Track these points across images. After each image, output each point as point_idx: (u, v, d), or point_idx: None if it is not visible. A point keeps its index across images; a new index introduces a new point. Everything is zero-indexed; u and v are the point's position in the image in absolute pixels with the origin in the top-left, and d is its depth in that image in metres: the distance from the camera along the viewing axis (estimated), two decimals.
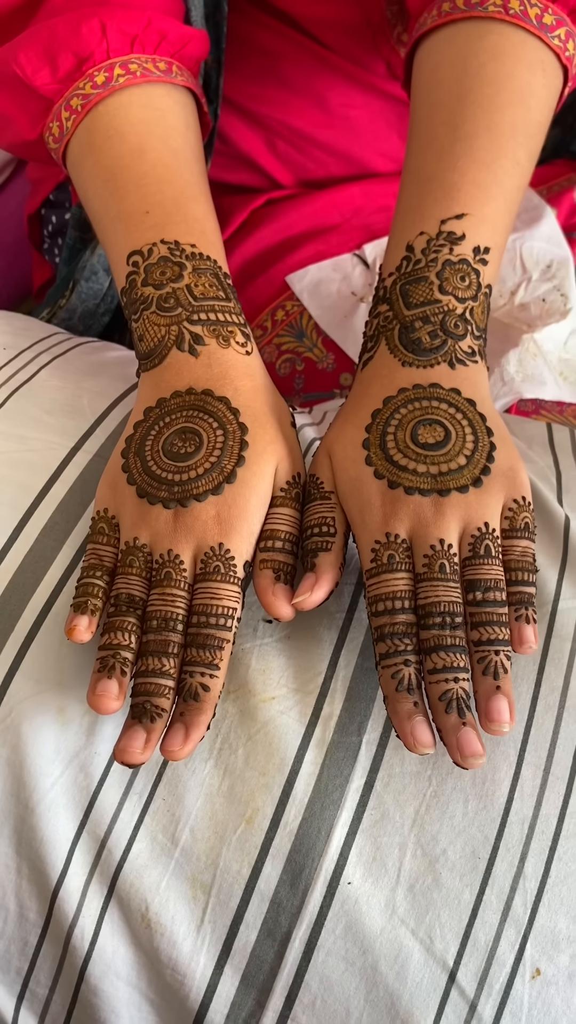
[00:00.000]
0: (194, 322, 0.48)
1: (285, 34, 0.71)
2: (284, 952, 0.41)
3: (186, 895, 0.41)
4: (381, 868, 0.41)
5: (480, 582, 0.42)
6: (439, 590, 0.42)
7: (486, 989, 0.39)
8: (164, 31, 0.56)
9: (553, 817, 0.41)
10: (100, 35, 0.54)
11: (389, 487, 0.44)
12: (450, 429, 0.45)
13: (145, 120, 0.54)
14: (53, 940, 0.42)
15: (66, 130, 0.55)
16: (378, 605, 0.42)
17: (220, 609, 0.42)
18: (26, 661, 0.44)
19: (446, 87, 0.53)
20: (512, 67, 0.53)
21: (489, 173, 0.50)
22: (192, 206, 0.52)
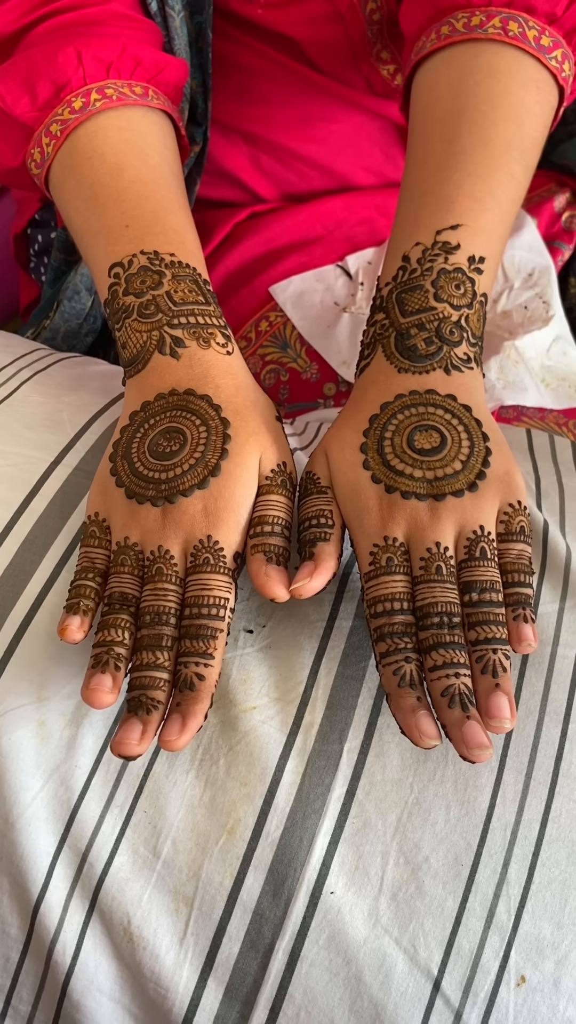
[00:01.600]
0: (174, 326, 0.48)
1: (266, 54, 0.72)
2: (267, 964, 0.40)
3: (168, 908, 0.41)
4: (364, 877, 0.41)
5: (476, 583, 0.42)
6: (436, 591, 0.42)
7: (471, 997, 0.39)
8: (139, 57, 0.57)
9: (536, 822, 0.41)
10: (76, 63, 0.55)
11: (386, 491, 0.44)
12: (446, 435, 0.45)
13: (123, 140, 0.55)
14: (35, 955, 0.42)
15: (47, 155, 0.56)
16: (377, 607, 0.42)
17: (211, 599, 0.42)
18: (6, 675, 0.44)
19: (442, 105, 0.54)
20: (507, 85, 0.53)
21: (484, 186, 0.51)
22: (171, 219, 0.53)
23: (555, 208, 0.79)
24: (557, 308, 0.72)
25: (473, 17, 0.54)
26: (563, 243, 0.77)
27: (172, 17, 0.62)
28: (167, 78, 0.59)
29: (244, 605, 0.47)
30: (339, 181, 0.80)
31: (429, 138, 0.54)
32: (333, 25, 0.68)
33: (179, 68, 0.60)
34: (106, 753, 0.43)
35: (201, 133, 0.71)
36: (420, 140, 0.54)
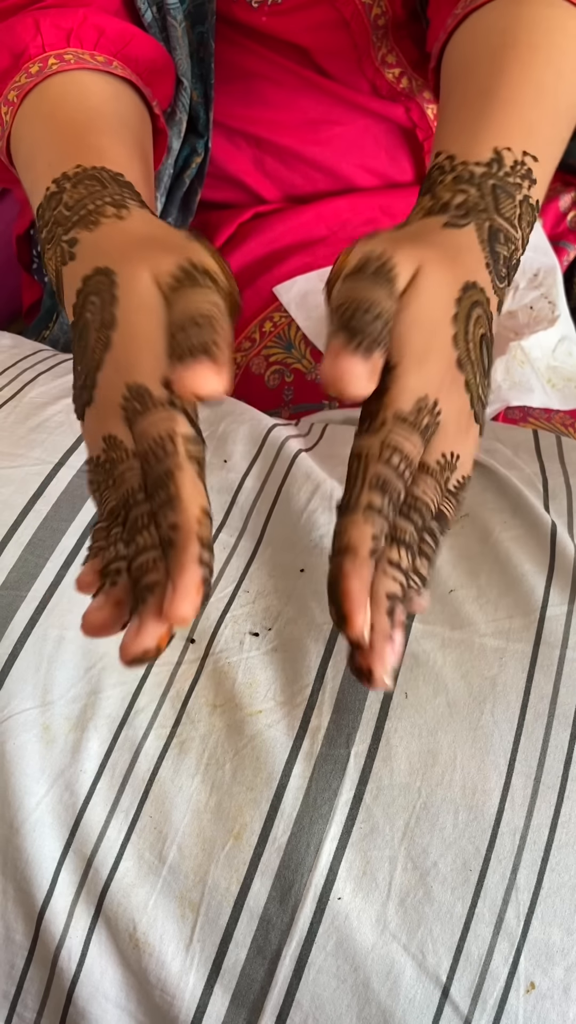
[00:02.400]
0: (68, 230, 0.43)
1: (271, 59, 0.71)
2: (275, 970, 0.40)
3: (174, 914, 0.41)
4: (371, 882, 0.40)
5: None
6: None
7: (480, 1004, 0.39)
8: (101, 27, 0.55)
9: (545, 827, 0.40)
10: (34, 31, 0.53)
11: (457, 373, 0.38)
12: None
13: (77, 97, 0.52)
14: (40, 962, 0.41)
15: (6, 124, 0.53)
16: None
17: (155, 439, 0.36)
18: (10, 679, 0.44)
19: (487, 44, 0.50)
20: (556, 29, 0.51)
21: (555, 129, 0.48)
22: (93, 137, 0.48)
23: (560, 208, 0.79)
24: (563, 308, 0.71)
25: None
26: (569, 243, 0.77)
27: (174, 27, 0.62)
28: (134, 52, 0.56)
29: (249, 608, 0.47)
30: (343, 183, 0.80)
31: (501, 58, 0.49)
32: (338, 31, 0.68)
33: (149, 44, 0.58)
34: (111, 757, 0.43)
35: (203, 144, 0.71)
36: (484, 61, 0.50)
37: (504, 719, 0.42)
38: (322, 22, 0.68)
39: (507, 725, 0.42)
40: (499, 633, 0.45)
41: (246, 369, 0.72)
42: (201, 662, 0.45)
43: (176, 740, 0.43)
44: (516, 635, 0.45)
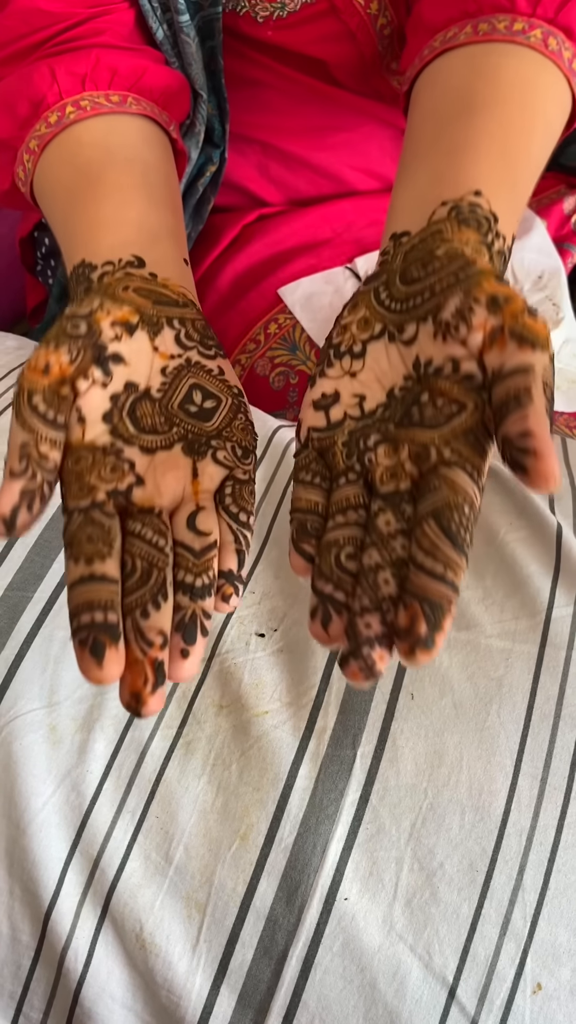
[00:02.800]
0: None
1: (276, 69, 0.71)
2: (281, 971, 0.40)
3: (181, 914, 0.41)
4: (378, 883, 0.40)
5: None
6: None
7: (487, 1005, 0.39)
8: (114, 66, 0.57)
9: (551, 828, 0.40)
10: (50, 79, 0.55)
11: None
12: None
13: (98, 143, 0.54)
14: (46, 963, 0.42)
15: (28, 171, 0.56)
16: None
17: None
18: (16, 679, 0.44)
19: (476, 89, 0.51)
20: (543, 95, 0.51)
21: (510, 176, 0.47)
22: (116, 197, 0.50)
23: (564, 210, 0.79)
24: (567, 310, 0.71)
25: (515, 23, 0.52)
26: (573, 245, 0.77)
27: (187, 43, 0.63)
28: (148, 83, 0.58)
29: (255, 609, 0.47)
30: (347, 187, 0.80)
31: (448, 114, 0.50)
32: (344, 42, 0.68)
33: (162, 73, 0.59)
34: (117, 758, 0.43)
35: (218, 154, 0.71)
36: (436, 114, 0.51)
37: (510, 720, 0.42)
38: (328, 34, 0.67)
39: (513, 726, 0.42)
40: (505, 634, 0.45)
41: (251, 371, 0.72)
42: (207, 663, 0.45)
43: (182, 741, 0.43)
44: (522, 636, 0.45)
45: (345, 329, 0.41)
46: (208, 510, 0.38)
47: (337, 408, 0.40)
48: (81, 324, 0.39)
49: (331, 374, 0.41)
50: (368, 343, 0.40)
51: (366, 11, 0.66)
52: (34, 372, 0.37)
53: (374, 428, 0.38)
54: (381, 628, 0.32)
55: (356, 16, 0.66)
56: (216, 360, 0.43)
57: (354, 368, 0.40)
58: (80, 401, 0.38)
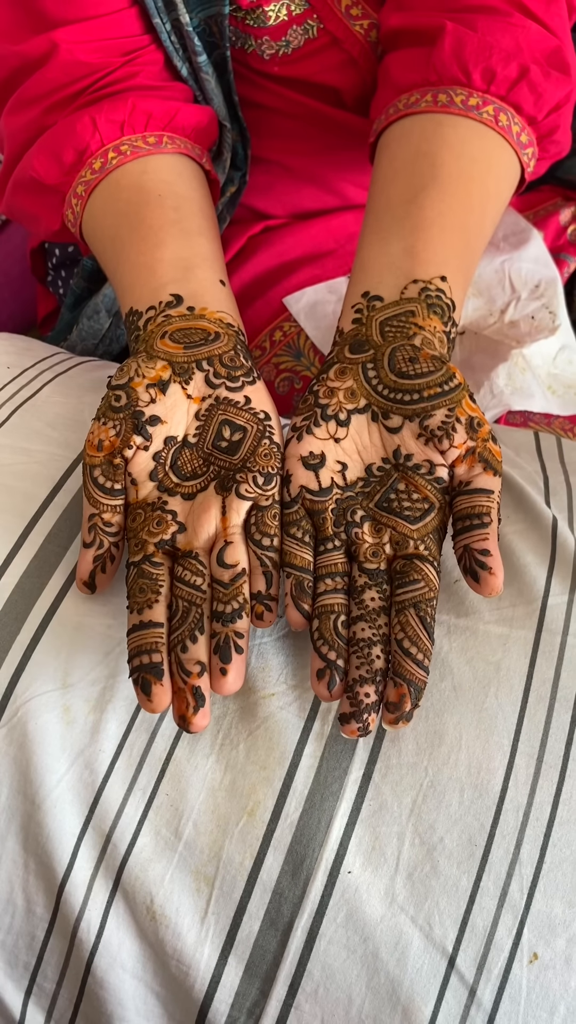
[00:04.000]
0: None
1: (283, 95, 0.74)
2: (287, 941, 0.41)
3: (190, 887, 0.42)
4: (380, 857, 0.42)
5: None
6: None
7: (485, 974, 0.40)
8: (149, 111, 0.61)
9: (547, 804, 0.42)
10: (92, 128, 0.60)
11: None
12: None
13: (134, 186, 0.59)
14: (60, 934, 0.43)
15: (77, 215, 0.61)
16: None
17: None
18: (32, 662, 0.45)
19: (428, 160, 0.57)
20: (491, 169, 0.58)
21: (463, 239, 0.54)
22: (165, 236, 0.56)
23: (561, 221, 0.81)
24: (563, 318, 0.73)
25: (471, 98, 0.58)
26: (569, 255, 0.79)
27: (207, 80, 0.66)
28: (180, 122, 0.63)
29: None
30: (350, 201, 0.82)
31: (408, 175, 0.56)
32: (347, 70, 0.70)
33: (192, 112, 0.63)
34: (129, 738, 0.44)
35: (240, 176, 0.74)
36: (401, 174, 0.57)
37: (508, 702, 0.44)
38: (331, 64, 0.70)
39: (510, 707, 0.44)
40: (502, 620, 0.47)
41: None
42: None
43: None
44: (519, 622, 0.46)
45: (332, 393, 0.48)
46: (235, 543, 0.45)
47: (324, 472, 0.47)
48: (121, 396, 0.47)
49: (318, 434, 0.48)
50: (353, 414, 0.48)
51: (366, 39, 0.68)
52: (91, 448, 0.47)
53: (358, 503, 0.47)
54: (376, 698, 0.42)
55: (357, 45, 0.68)
56: (243, 390, 0.49)
57: (339, 434, 0.48)
58: (130, 467, 0.47)
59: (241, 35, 0.67)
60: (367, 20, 0.67)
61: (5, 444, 0.53)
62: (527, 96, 0.58)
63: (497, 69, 0.58)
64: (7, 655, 0.45)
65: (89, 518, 0.46)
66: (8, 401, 0.56)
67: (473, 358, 0.71)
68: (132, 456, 0.47)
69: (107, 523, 0.46)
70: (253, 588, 0.45)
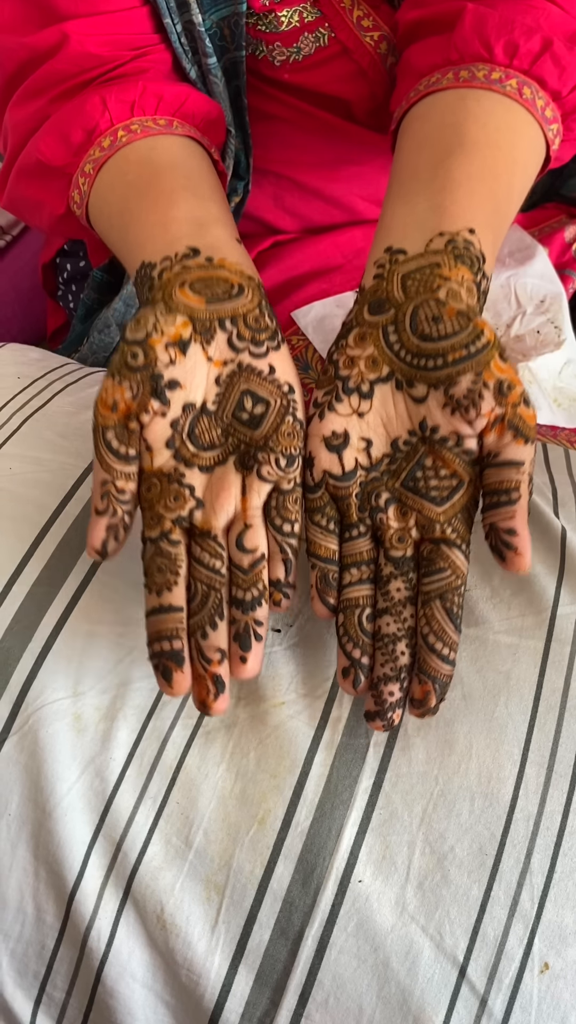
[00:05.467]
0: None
1: (292, 104, 0.74)
2: (297, 951, 0.41)
3: (200, 896, 0.42)
4: (391, 866, 0.42)
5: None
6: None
7: (496, 984, 0.40)
8: (160, 93, 0.60)
9: (557, 814, 0.42)
10: (102, 108, 0.58)
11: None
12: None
13: (143, 160, 0.57)
14: (70, 943, 0.43)
15: (84, 194, 0.59)
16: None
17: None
18: (43, 670, 0.46)
19: (452, 130, 0.54)
20: (515, 140, 0.55)
21: (494, 205, 0.51)
22: (177, 198, 0.53)
23: (566, 239, 0.82)
24: (568, 333, 0.74)
25: (494, 72, 0.56)
26: (574, 271, 0.80)
27: (215, 83, 0.66)
28: (191, 109, 0.62)
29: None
30: (358, 216, 0.83)
31: (432, 146, 0.54)
32: (357, 81, 0.71)
33: (202, 100, 0.63)
34: (140, 746, 0.44)
35: (243, 186, 0.74)
36: (424, 146, 0.55)
37: (518, 711, 0.44)
38: (341, 74, 0.71)
39: (520, 717, 0.44)
40: (512, 630, 0.47)
41: None
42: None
43: (202, 730, 0.45)
44: (528, 632, 0.46)
45: (352, 363, 0.45)
46: (255, 527, 0.44)
47: (348, 453, 0.45)
48: (139, 354, 0.43)
49: (341, 411, 0.45)
50: (376, 384, 0.45)
51: (376, 51, 0.69)
52: (104, 408, 0.43)
53: (383, 485, 0.45)
54: (400, 695, 0.42)
55: (367, 56, 0.69)
56: (267, 357, 0.46)
57: (362, 408, 0.45)
58: (145, 432, 0.44)
59: (252, 41, 0.68)
60: (378, 32, 0.68)
61: (16, 453, 0.53)
62: (551, 70, 0.56)
63: (520, 42, 0.56)
64: (19, 663, 0.46)
65: (102, 484, 0.43)
66: (19, 411, 0.57)
67: None
68: (149, 422, 0.44)
69: (120, 491, 0.43)
70: (272, 575, 0.44)
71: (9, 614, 0.47)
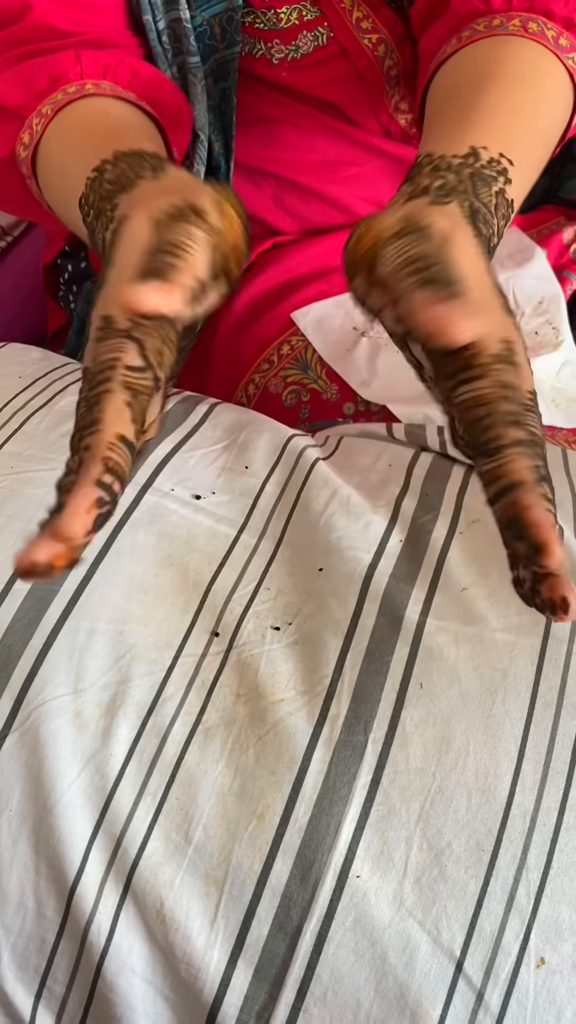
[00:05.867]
0: (112, 198, 0.45)
1: (291, 105, 0.75)
2: (295, 945, 0.42)
3: (200, 891, 0.43)
4: (388, 862, 0.42)
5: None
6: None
7: (492, 978, 0.40)
8: (136, 69, 0.58)
9: (554, 810, 0.42)
10: (74, 60, 0.56)
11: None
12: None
13: (111, 115, 0.55)
14: (70, 937, 0.43)
15: (36, 134, 0.55)
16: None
17: (98, 366, 0.38)
18: (44, 667, 0.46)
19: (464, 80, 0.54)
20: (529, 67, 0.54)
21: (522, 123, 0.51)
22: (128, 137, 0.50)
23: (564, 240, 0.83)
24: (566, 334, 0.75)
25: (493, 20, 0.55)
26: (572, 273, 0.81)
27: (194, 84, 0.66)
28: (162, 99, 0.59)
29: (271, 604, 0.49)
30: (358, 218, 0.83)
31: (458, 94, 0.53)
32: (353, 82, 0.72)
33: (175, 93, 0.61)
34: (140, 743, 0.45)
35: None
36: (447, 100, 0.54)
37: (515, 708, 0.44)
38: (338, 75, 0.71)
39: (517, 714, 0.44)
40: (509, 628, 0.47)
41: (264, 388, 0.75)
42: (225, 654, 0.47)
43: (202, 727, 0.45)
44: (526, 630, 0.47)
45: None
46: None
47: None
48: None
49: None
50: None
51: (373, 53, 0.70)
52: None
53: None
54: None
55: (364, 58, 0.70)
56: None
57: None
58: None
59: (249, 39, 0.68)
60: (376, 35, 0.68)
61: (18, 452, 0.54)
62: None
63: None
64: (20, 659, 0.46)
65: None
66: (21, 410, 0.57)
67: None
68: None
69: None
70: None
71: (10, 612, 0.47)
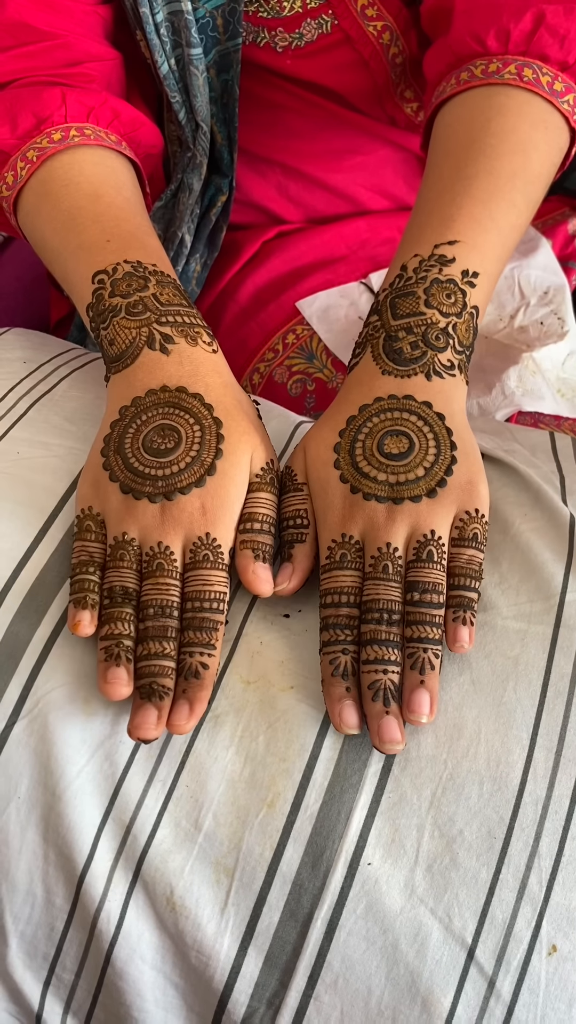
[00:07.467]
0: (163, 323, 0.50)
1: (296, 93, 0.75)
2: (306, 933, 0.41)
3: (210, 879, 0.42)
4: (400, 849, 0.42)
5: (418, 584, 0.45)
6: (380, 588, 0.45)
7: (504, 966, 0.40)
8: (118, 110, 0.60)
9: (566, 798, 0.42)
10: (60, 101, 0.58)
11: (351, 491, 0.47)
12: (415, 441, 0.48)
13: (98, 173, 0.58)
14: (79, 925, 0.43)
15: (20, 178, 0.58)
16: (327, 598, 0.46)
17: (212, 594, 0.45)
18: (52, 654, 0.46)
19: (455, 139, 0.57)
20: (516, 122, 0.56)
21: (485, 209, 0.53)
22: (148, 239, 0.55)
23: (569, 231, 0.83)
24: (571, 324, 0.74)
25: (490, 64, 0.57)
26: None
27: (195, 75, 0.65)
28: (141, 138, 0.62)
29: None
30: (362, 207, 0.83)
31: (440, 166, 0.56)
32: (358, 71, 0.71)
33: (152, 131, 0.63)
34: None
35: (227, 183, 0.74)
36: (433, 169, 0.57)
37: (526, 696, 0.44)
38: (343, 63, 0.71)
39: (529, 702, 0.44)
40: (520, 616, 0.47)
41: (269, 378, 0.75)
42: (235, 641, 0.47)
43: (211, 714, 0.45)
44: (537, 618, 0.47)
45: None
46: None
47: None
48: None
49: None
50: None
51: (379, 41, 0.69)
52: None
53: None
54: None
55: (369, 46, 0.69)
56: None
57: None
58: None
59: (252, 29, 0.68)
60: (381, 22, 0.68)
61: (23, 438, 0.53)
62: (549, 42, 0.56)
63: (510, 26, 0.56)
64: (28, 647, 0.46)
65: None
66: (26, 395, 0.57)
67: (484, 361, 0.72)
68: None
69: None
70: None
71: (18, 599, 0.47)
